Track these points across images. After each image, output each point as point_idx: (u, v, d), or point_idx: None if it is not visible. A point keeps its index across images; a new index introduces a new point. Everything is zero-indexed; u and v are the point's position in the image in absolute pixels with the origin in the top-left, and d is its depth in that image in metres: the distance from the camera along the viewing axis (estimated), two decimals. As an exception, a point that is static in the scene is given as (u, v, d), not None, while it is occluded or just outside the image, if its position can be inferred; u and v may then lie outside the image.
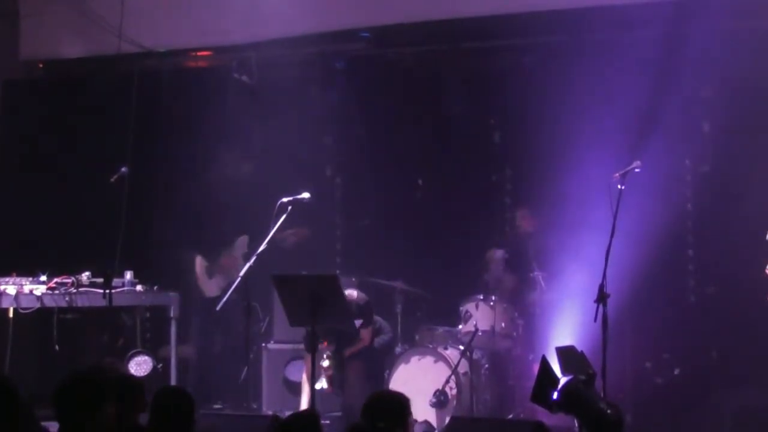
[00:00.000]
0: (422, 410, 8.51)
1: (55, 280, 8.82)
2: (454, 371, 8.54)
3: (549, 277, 9.06)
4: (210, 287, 9.84)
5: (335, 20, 9.85)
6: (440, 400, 8.53)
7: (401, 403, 5.24)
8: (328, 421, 8.09)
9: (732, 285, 8.78)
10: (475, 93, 9.94)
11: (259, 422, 6.98)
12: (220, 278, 9.81)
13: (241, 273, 8.02)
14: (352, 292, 8.64)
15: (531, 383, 5.72)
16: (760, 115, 8.67)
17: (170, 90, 10.62)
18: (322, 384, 8.52)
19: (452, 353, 8.72)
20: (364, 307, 8.65)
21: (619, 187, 7.12)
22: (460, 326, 8.98)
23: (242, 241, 9.75)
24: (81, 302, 8.84)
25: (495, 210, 10.00)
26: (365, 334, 8.74)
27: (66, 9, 10.49)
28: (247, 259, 9.23)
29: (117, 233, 9.05)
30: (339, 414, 8.70)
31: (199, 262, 9.88)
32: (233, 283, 8.87)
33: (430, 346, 8.90)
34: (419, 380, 8.63)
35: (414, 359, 8.76)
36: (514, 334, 9.00)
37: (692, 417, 8.61)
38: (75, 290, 8.82)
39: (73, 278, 8.84)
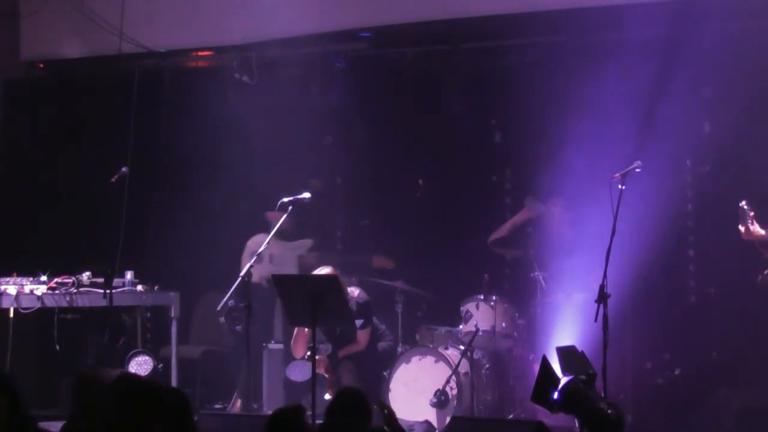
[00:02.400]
0: (423, 410, 8.52)
1: (56, 280, 8.83)
2: (455, 371, 8.54)
3: (549, 277, 9.06)
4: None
5: (336, 20, 9.85)
6: (441, 400, 8.53)
7: (362, 398, 5.33)
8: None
9: (732, 285, 8.78)
10: (476, 93, 9.94)
11: (259, 422, 6.96)
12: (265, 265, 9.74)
13: (242, 273, 8.02)
14: (353, 290, 8.64)
15: (531, 383, 5.72)
16: (761, 115, 8.67)
17: (171, 90, 10.63)
18: (326, 394, 8.53)
19: (453, 353, 8.72)
20: (363, 306, 8.65)
21: (619, 187, 7.13)
22: (461, 326, 8.98)
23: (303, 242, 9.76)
24: (81, 302, 8.85)
25: (495, 210, 10.00)
26: (362, 336, 8.73)
27: (66, 9, 10.48)
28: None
29: (117, 233, 9.05)
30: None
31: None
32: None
33: (431, 346, 8.90)
34: (420, 380, 8.64)
35: (415, 359, 8.77)
36: (515, 334, 9.00)
37: (692, 417, 8.62)
38: (75, 290, 8.83)
39: (73, 278, 8.85)
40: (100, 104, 10.58)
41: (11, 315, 8.77)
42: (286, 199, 8.19)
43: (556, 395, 5.46)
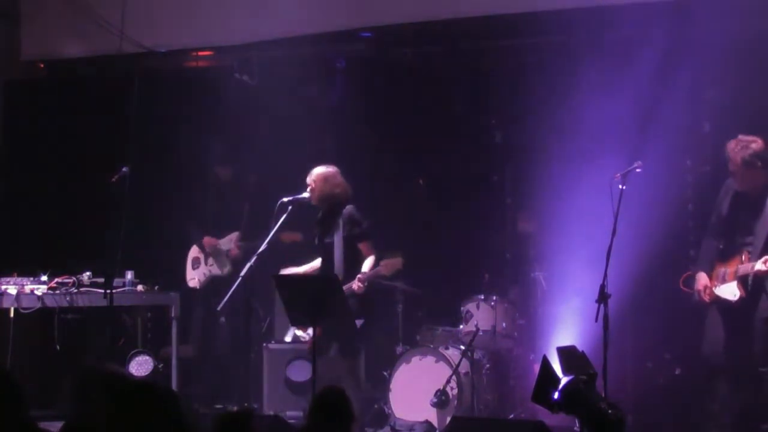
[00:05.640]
0: (423, 410, 8.53)
1: (56, 280, 8.85)
2: (455, 371, 8.54)
3: (550, 277, 9.06)
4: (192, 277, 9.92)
5: (335, 20, 9.85)
6: (441, 400, 8.53)
7: (344, 399, 5.24)
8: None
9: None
10: (476, 93, 9.94)
11: (259, 423, 6.97)
12: (201, 268, 9.85)
13: (242, 273, 8.03)
14: None
15: (532, 383, 5.71)
16: (761, 115, 8.66)
17: (171, 90, 10.63)
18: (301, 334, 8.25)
19: (453, 353, 8.72)
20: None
21: (620, 187, 7.13)
22: (461, 326, 8.99)
23: (231, 237, 9.78)
24: (82, 302, 8.87)
25: (496, 210, 10.00)
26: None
27: (67, 9, 10.49)
28: (230, 255, 9.35)
29: (118, 233, 9.05)
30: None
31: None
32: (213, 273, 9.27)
33: (431, 346, 8.90)
34: (420, 380, 8.64)
35: (415, 359, 8.77)
36: (515, 334, 9.00)
37: (693, 417, 8.61)
38: (76, 290, 8.84)
39: (74, 278, 8.87)
40: (100, 104, 10.58)
41: (12, 315, 8.77)
42: (285, 199, 8.19)
43: (556, 395, 5.44)
